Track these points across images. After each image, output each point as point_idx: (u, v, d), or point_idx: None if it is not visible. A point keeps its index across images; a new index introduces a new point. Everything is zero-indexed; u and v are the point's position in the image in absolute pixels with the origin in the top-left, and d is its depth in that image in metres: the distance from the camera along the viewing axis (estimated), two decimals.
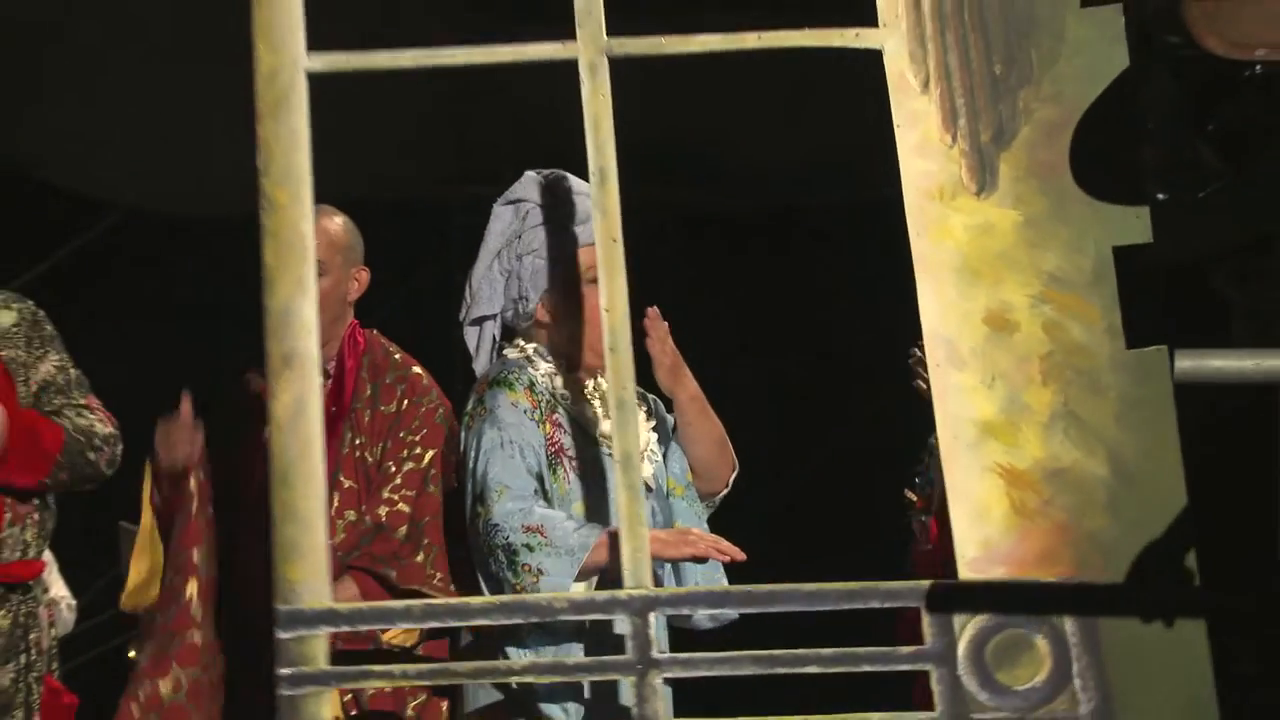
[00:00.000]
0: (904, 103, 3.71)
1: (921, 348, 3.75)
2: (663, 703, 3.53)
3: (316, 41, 3.67)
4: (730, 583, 3.94)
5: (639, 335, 3.90)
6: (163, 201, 6.98)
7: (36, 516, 4.18)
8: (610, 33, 3.65)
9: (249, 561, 4.11)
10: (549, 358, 4.03)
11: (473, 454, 3.91)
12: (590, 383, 4.03)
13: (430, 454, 4.16)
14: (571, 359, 4.04)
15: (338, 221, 4.25)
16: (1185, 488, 3.56)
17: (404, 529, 4.13)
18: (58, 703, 4.20)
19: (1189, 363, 3.20)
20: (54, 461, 4.17)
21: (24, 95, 6.27)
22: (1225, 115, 3.65)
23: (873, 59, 3.71)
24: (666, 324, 4.01)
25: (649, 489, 3.95)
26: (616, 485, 3.63)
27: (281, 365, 3.64)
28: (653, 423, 4.08)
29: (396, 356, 4.28)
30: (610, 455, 3.89)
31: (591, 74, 3.65)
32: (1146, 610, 3.52)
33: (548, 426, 3.96)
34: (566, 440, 3.98)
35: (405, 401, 4.21)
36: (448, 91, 6.48)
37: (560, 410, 4.01)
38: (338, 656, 3.65)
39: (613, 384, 3.65)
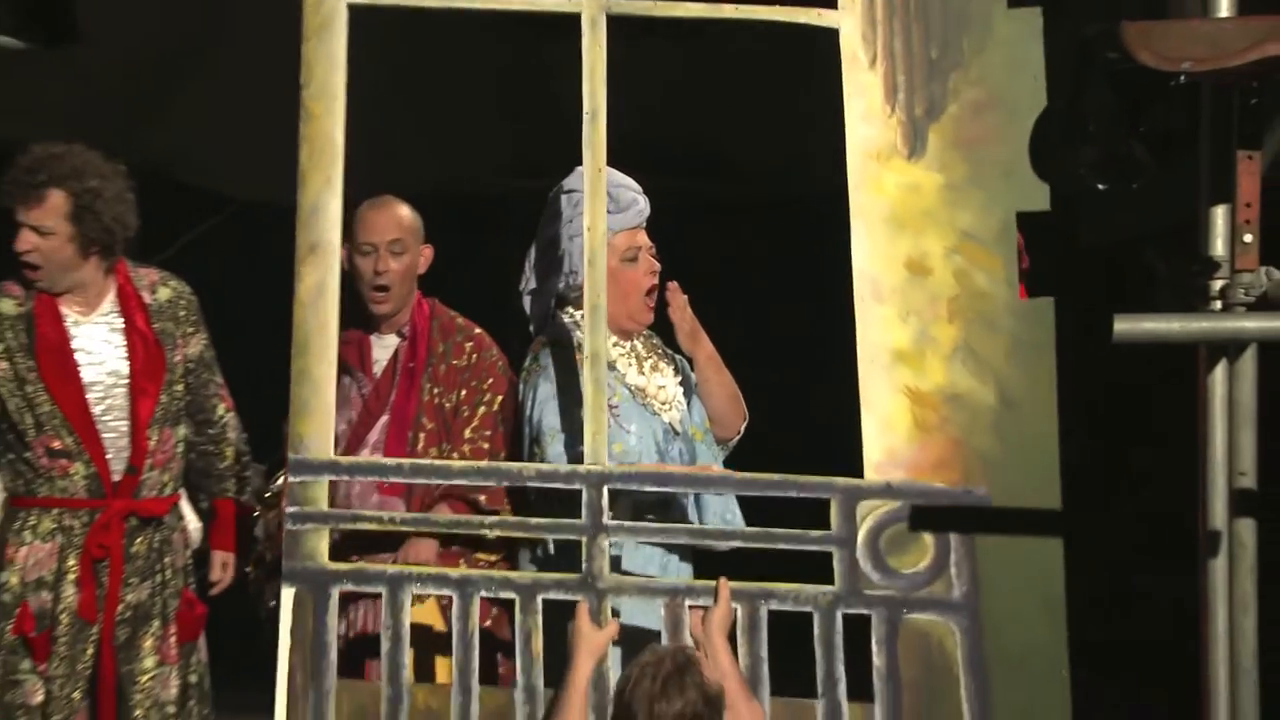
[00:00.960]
0: (854, 76, 4.16)
1: None
2: (607, 562, 4.05)
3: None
4: (744, 516, 4.42)
5: (663, 304, 4.42)
6: (279, 195, 7.38)
7: (174, 463, 4.70)
8: None
9: None
10: None
11: (530, 403, 4.42)
12: (626, 344, 4.48)
13: (499, 399, 4.64)
14: (611, 323, 4.43)
15: (405, 208, 4.72)
16: (1057, 416, 4.04)
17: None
18: (191, 613, 4.72)
19: (1125, 325, 3.57)
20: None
21: (161, 105, 6.63)
22: (1155, 118, 4.04)
23: (830, 37, 4.16)
24: (686, 295, 4.48)
25: (676, 433, 4.47)
26: (585, 380, 4.10)
27: (308, 252, 4.14)
28: (679, 378, 4.57)
29: (459, 320, 4.76)
30: (642, 404, 4.41)
31: (592, 28, 4.12)
32: (1014, 518, 4.00)
33: None
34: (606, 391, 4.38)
35: (475, 356, 4.69)
36: (507, 103, 6.93)
37: None
38: None
39: (588, 294, 4.11)
